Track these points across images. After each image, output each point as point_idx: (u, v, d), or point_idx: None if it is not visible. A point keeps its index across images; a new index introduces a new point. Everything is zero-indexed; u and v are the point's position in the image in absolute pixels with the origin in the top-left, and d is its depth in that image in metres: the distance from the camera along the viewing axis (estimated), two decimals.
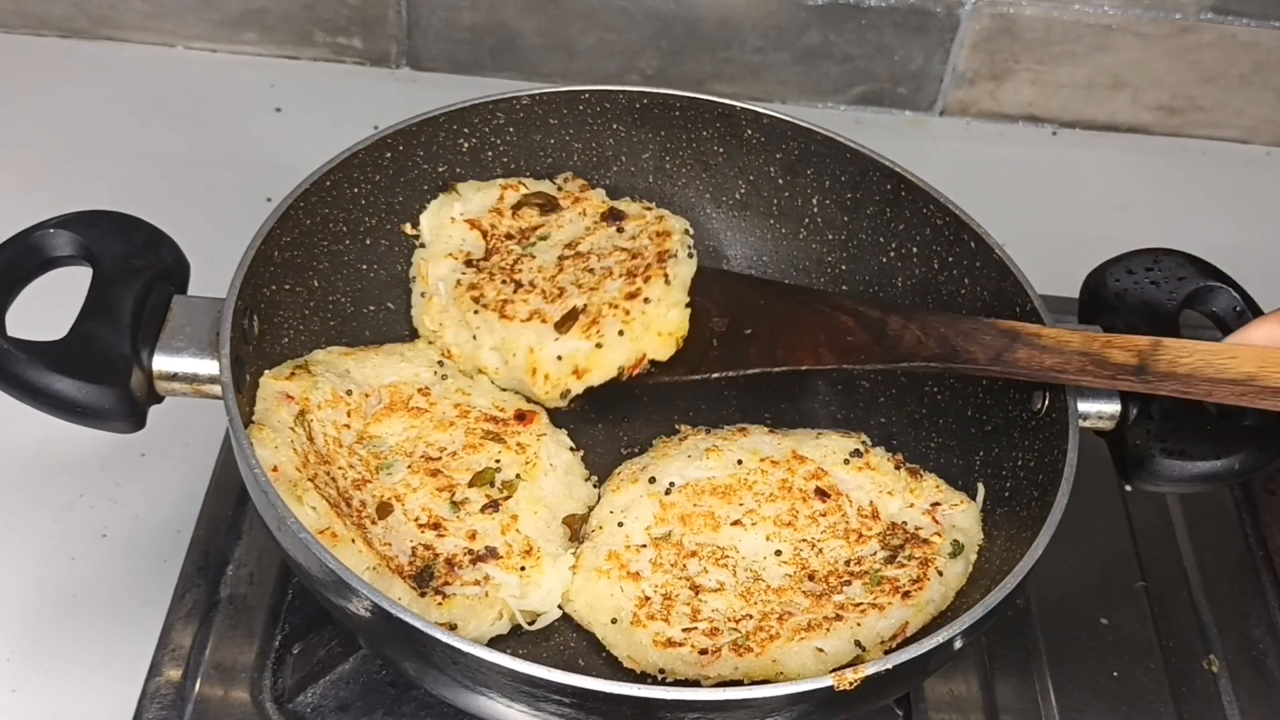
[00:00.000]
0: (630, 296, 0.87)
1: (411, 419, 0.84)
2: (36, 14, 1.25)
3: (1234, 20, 1.24)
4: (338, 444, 0.81)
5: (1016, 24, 1.24)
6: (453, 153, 0.94)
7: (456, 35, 1.26)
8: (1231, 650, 0.91)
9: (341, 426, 0.82)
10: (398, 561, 0.76)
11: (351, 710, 0.81)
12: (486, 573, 0.77)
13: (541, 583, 0.78)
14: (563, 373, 0.86)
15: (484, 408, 0.86)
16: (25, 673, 0.84)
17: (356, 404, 0.84)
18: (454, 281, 0.90)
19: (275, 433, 0.77)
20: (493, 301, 0.88)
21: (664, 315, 0.88)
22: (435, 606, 0.74)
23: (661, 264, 0.89)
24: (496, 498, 0.81)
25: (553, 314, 0.87)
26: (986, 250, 0.88)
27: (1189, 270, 0.87)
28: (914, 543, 0.80)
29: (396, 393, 0.85)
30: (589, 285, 0.88)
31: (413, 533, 0.78)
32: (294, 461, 0.76)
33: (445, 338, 0.89)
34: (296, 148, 0.93)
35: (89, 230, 0.79)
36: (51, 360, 0.73)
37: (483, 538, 0.78)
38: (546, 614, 0.78)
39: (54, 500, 0.92)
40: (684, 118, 0.96)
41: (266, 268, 0.82)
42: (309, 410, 0.80)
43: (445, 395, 0.86)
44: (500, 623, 0.77)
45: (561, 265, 0.90)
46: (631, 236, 0.92)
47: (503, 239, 0.92)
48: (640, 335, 0.87)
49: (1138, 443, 0.81)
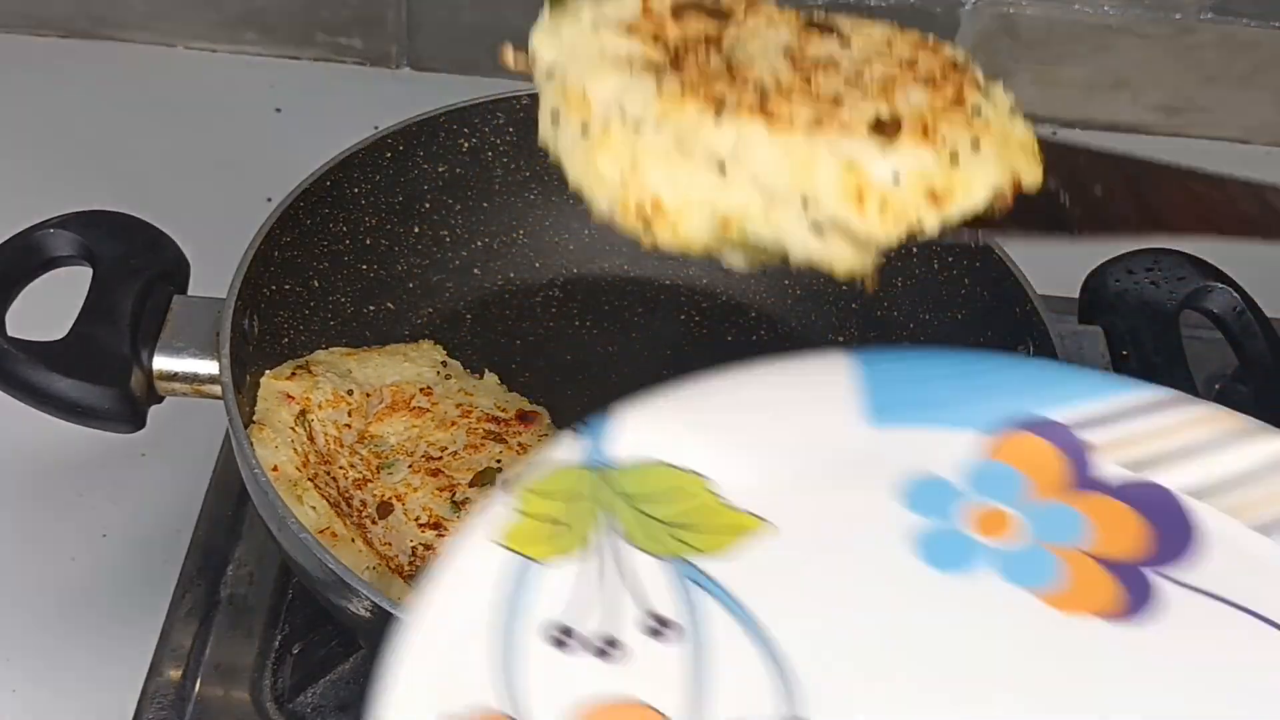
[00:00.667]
0: (955, 103, 0.59)
1: (413, 419, 0.84)
2: (36, 14, 1.25)
3: (1234, 20, 1.24)
4: (339, 444, 0.81)
5: (1016, 24, 1.24)
6: (453, 153, 0.94)
7: (456, 35, 1.26)
8: None
9: (343, 426, 0.82)
10: (398, 561, 0.76)
11: (351, 710, 0.81)
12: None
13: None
14: (911, 198, 0.55)
15: (486, 408, 0.86)
16: (25, 673, 0.84)
17: (358, 404, 0.84)
18: (642, 100, 0.56)
19: (276, 433, 0.77)
20: (741, 103, 0.55)
21: (1014, 125, 0.62)
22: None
23: (960, 72, 0.61)
24: None
25: (852, 120, 0.55)
26: (986, 250, 0.88)
27: (1189, 270, 0.87)
28: None
29: (398, 392, 0.85)
30: (872, 94, 0.57)
31: (413, 532, 0.78)
32: (294, 461, 0.76)
33: (646, 182, 0.57)
34: (296, 148, 0.93)
35: (89, 230, 0.79)
36: (51, 360, 0.74)
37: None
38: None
39: (54, 500, 0.92)
40: None
41: (266, 268, 0.82)
42: (310, 410, 0.80)
43: (447, 395, 0.86)
44: None
45: (802, 70, 0.57)
46: (881, 47, 0.60)
47: (685, 44, 0.58)
48: (1001, 148, 0.59)
49: None
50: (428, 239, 0.95)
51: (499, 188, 0.97)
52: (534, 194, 0.98)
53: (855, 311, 0.97)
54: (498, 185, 0.97)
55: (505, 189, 0.97)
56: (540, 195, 0.99)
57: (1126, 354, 0.83)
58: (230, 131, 1.21)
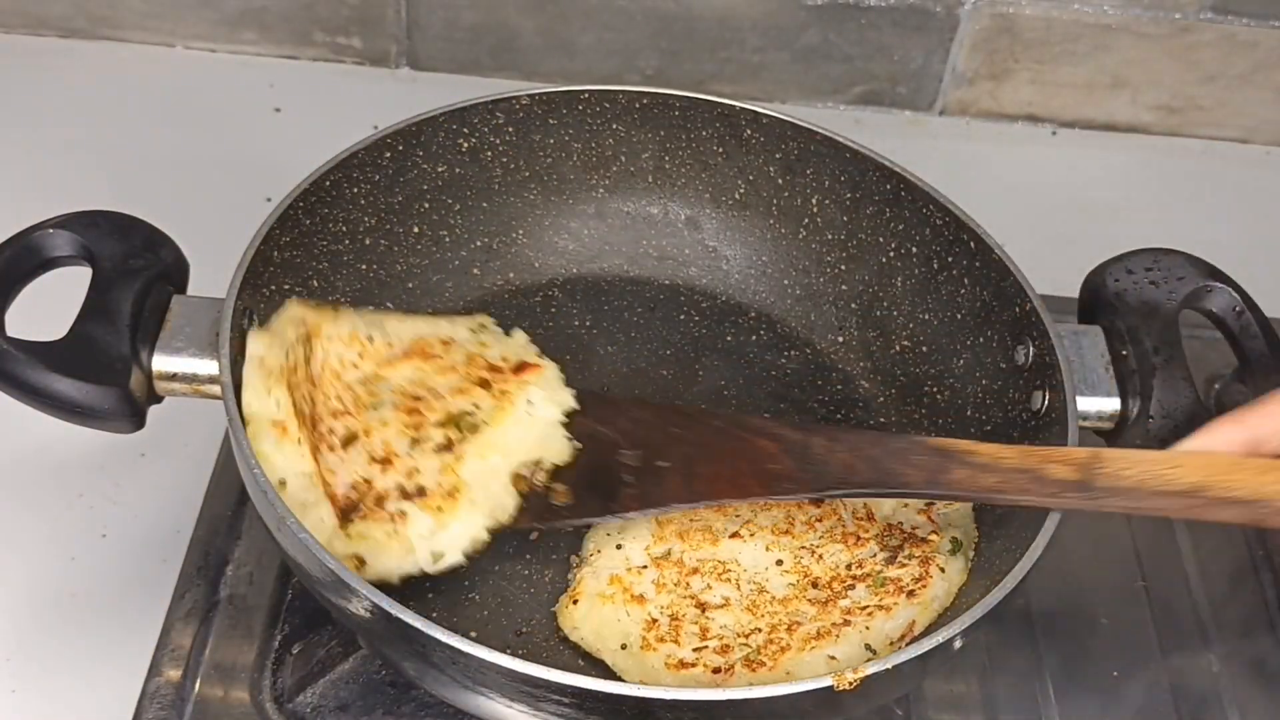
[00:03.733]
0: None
1: (421, 363, 0.83)
2: (35, 14, 1.25)
3: (1234, 20, 1.24)
4: (335, 376, 0.80)
5: (1016, 24, 1.24)
6: (452, 153, 0.94)
7: (456, 35, 1.26)
8: (1231, 650, 0.91)
9: (349, 364, 0.81)
10: (334, 489, 0.76)
11: (351, 710, 0.81)
12: (404, 509, 0.75)
13: (451, 525, 0.76)
14: None
15: (492, 357, 0.84)
16: (25, 673, 0.84)
17: (376, 350, 0.82)
18: None
19: (273, 336, 0.77)
20: None
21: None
22: (345, 539, 0.73)
23: None
24: (455, 440, 0.79)
25: None
26: (986, 250, 0.88)
27: (1188, 270, 0.87)
28: (912, 542, 0.80)
29: (419, 342, 0.84)
30: None
31: (362, 465, 0.77)
32: (279, 361, 0.76)
33: None
34: (296, 148, 0.93)
35: (88, 230, 0.79)
36: (51, 360, 0.73)
37: (419, 476, 0.77)
38: (447, 557, 0.76)
39: (54, 500, 0.92)
40: (683, 117, 0.96)
41: (266, 268, 0.82)
42: (317, 337, 0.80)
43: (465, 345, 0.85)
44: (409, 559, 0.75)
45: None
46: None
47: None
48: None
49: (1138, 442, 0.81)
50: (427, 239, 0.95)
51: (498, 187, 0.97)
52: (534, 194, 0.98)
53: (855, 311, 0.97)
54: (497, 185, 0.97)
55: (505, 189, 0.97)
56: (540, 195, 0.99)
57: (1126, 353, 0.83)
58: (230, 131, 1.21)
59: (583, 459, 0.81)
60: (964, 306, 0.90)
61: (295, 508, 0.70)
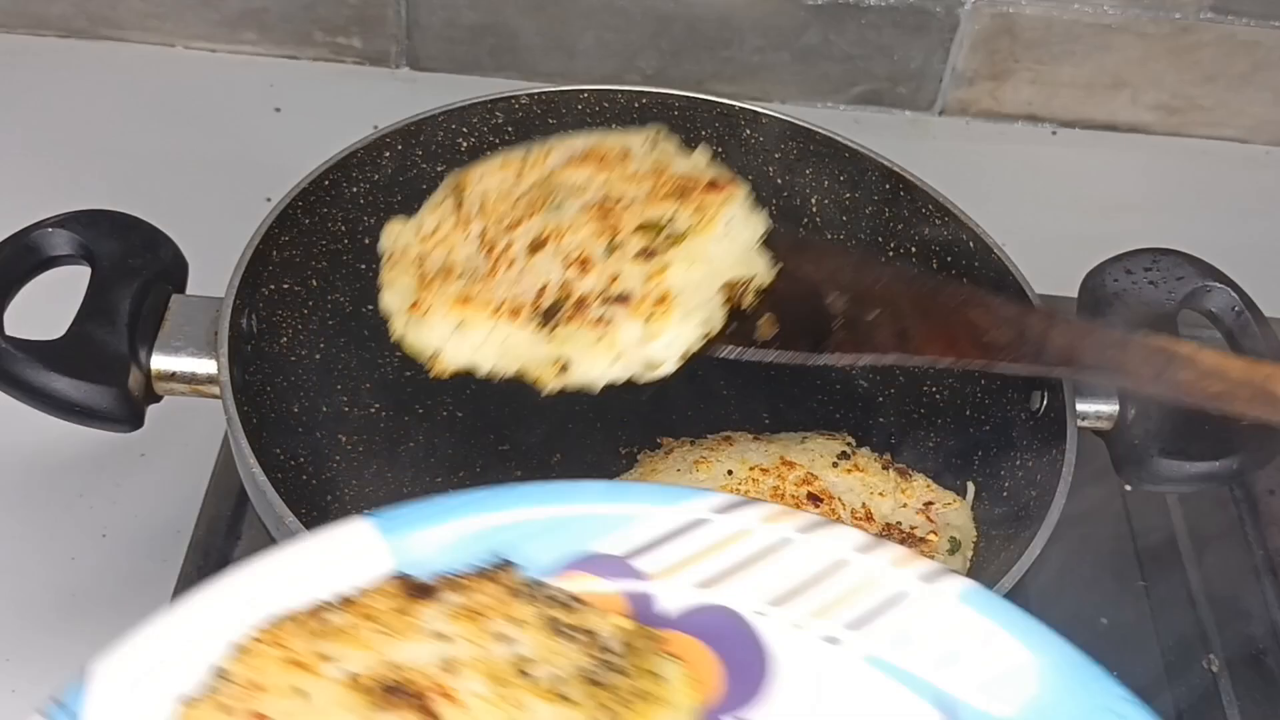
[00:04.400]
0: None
1: (598, 171, 0.79)
2: (35, 14, 1.25)
3: (1234, 20, 1.24)
4: (502, 197, 0.78)
5: (1016, 24, 1.24)
6: (451, 152, 0.94)
7: (456, 35, 1.26)
8: (1231, 650, 0.91)
9: (509, 183, 0.79)
10: (519, 300, 0.73)
11: None
12: (611, 314, 0.72)
13: (662, 334, 0.72)
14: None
15: (681, 170, 0.80)
16: (25, 673, 0.83)
17: (534, 160, 0.80)
18: None
19: (406, 222, 0.77)
20: None
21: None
22: (545, 341, 0.71)
23: None
24: (655, 247, 0.75)
25: None
26: (986, 250, 0.88)
27: (1188, 270, 0.87)
28: (911, 542, 0.80)
29: (595, 150, 0.81)
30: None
31: (554, 268, 0.74)
32: (415, 243, 0.76)
33: None
34: (296, 147, 0.93)
35: (87, 229, 0.79)
36: (50, 360, 0.74)
37: (623, 281, 0.73)
38: (664, 365, 0.72)
39: (54, 500, 0.92)
40: (683, 117, 0.96)
41: (265, 267, 0.82)
42: (466, 188, 0.78)
43: (648, 156, 0.81)
44: (619, 366, 0.72)
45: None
46: None
47: None
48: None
49: (1136, 442, 0.81)
50: None
51: None
52: None
53: None
54: None
55: None
56: None
57: None
58: (229, 131, 1.21)
59: (788, 294, 0.77)
60: None
61: None
